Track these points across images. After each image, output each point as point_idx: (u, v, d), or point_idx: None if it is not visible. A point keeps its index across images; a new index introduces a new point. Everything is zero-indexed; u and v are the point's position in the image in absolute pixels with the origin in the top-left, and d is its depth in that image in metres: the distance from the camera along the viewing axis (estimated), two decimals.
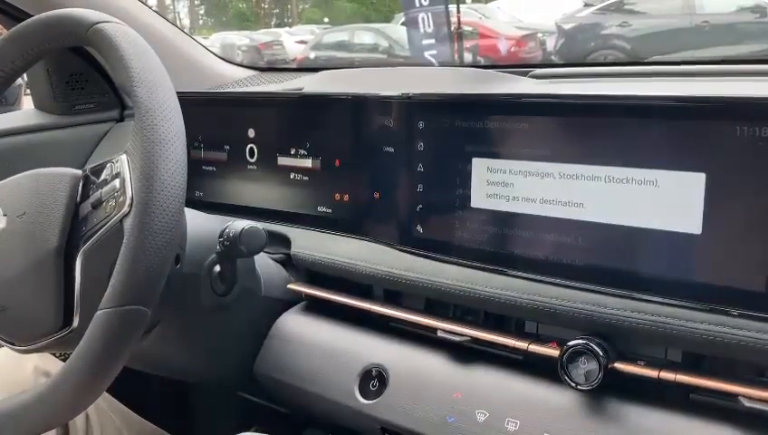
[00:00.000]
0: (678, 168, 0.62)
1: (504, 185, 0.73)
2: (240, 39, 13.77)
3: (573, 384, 0.65)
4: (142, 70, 0.62)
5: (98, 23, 0.66)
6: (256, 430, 0.84)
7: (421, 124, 0.78)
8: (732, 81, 0.80)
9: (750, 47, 6.09)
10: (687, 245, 0.62)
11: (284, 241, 0.92)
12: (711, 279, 0.62)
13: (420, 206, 0.79)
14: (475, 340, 0.74)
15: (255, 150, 0.96)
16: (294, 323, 0.88)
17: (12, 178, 0.73)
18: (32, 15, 0.74)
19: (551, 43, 8.37)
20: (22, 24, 0.73)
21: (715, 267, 0.61)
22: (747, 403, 0.59)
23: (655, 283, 0.64)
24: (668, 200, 0.63)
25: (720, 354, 0.62)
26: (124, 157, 0.64)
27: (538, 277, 0.71)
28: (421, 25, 6.48)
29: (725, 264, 0.61)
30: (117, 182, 0.64)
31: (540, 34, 8.87)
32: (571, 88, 0.84)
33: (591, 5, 7.98)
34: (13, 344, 0.69)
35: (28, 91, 1.35)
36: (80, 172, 0.72)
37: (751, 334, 0.59)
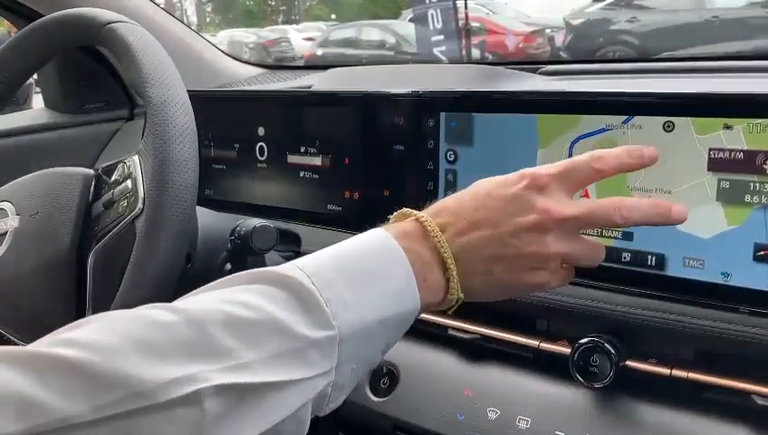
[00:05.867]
0: (688, 169, 0.62)
1: None
2: (247, 36, 13.77)
3: (585, 382, 0.65)
4: (154, 69, 0.63)
5: (110, 22, 0.67)
6: None
7: (431, 122, 0.78)
8: (743, 77, 0.80)
9: (761, 43, 6.04)
10: (696, 243, 0.62)
11: (295, 239, 0.93)
12: (720, 277, 0.61)
13: (431, 204, 0.79)
14: (486, 338, 0.74)
15: (265, 148, 0.97)
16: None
17: (25, 177, 0.73)
18: (43, 15, 0.75)
19: (559, 39, 8.34)
20: (34, 23, 0.73)
21: (723, 264, 0.61)
22: (760, 401, 0.59)
23: (665, 280, 0.64)
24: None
25: (732, 352, 0.62)
26: (136, 157, 0.65)
27: None
28: (430, 22, 6.47)
29: (732, 260, 0.61)
30: (129, 183, 0.65)
31: (548, 30, 8.83)
32: (581, 85, 0.84)
33: (600, 1, 7.94)
34: (25, 342, 0.70)
35: (38, 89, 1.36)
36: (92, 172, 0.72)
37: (763, 332, 0.59)
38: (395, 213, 0.54)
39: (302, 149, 0.92)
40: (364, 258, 0.48)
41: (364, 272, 0.47)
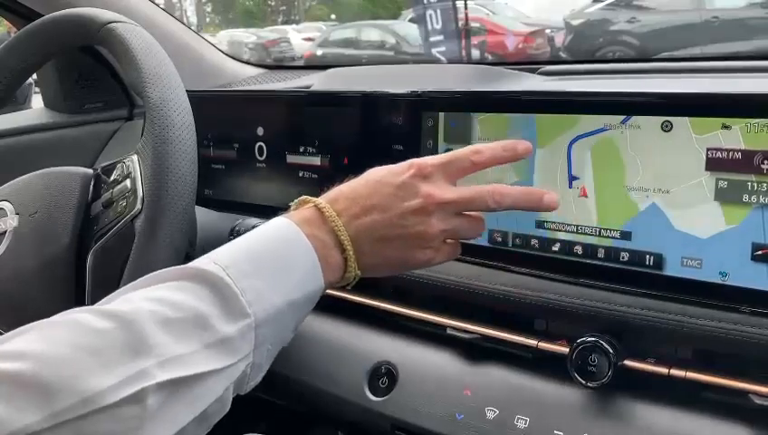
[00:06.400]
0: (686, 168, 0.62)
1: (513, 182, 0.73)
2: (247, 36, 13.78)
3: (583, 382, 0.65)
4: (153, 70, 0.63)
5: (110, 22, 0.67)
6: (265, 428, 0.84)
7: (430, 122, 0.78)
8: (741, 77, 0.80)
9: (761, 43, 6.05)
10: (694, 243, 0.62)
11: None
12: (718, 277, 0.62)
13: None
14: (485, 337, 0.74)
15: (264, 148, 0.97)
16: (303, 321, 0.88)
17: (24, 176, 0.74)
18: (42, 15, 0.75)
19: (559, 40, 8.34)
20: (34, 23, 0.73)
21: (720, 263, 0.61)
22: (758, 401, 0.59)
23: (663, 280, 0.64)
24: (679, 202, 0.63)
25: (730, 351, 0.62)
26: (135, 157, 0.65)
27: (547, 274, 0.71)
28: (429, 22, 6.48)
29: (730, 260, 0.61)
30: (128, 182, 0.65)
31: (548, 31, 8.83)
32: (579, 85, 0.84)
33: (600, 1, 7.94)
34: None
35: (37, 89, 1.36)
36: (91, 171, 0.72)
37: (761, 332, 0.59)
38: (296, 199, 0.58)
39: (302, 149, 0.92)
40: (273, 247, 0.53)
41: (274, 260, 0.52)
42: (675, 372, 0.63)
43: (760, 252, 0.59)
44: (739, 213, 0.60)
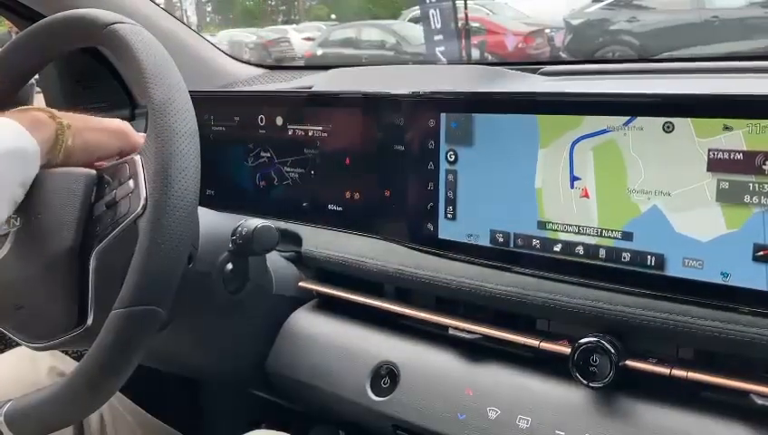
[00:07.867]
0: (688, 170, 0.62)
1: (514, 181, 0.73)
2: (247, 36, 13.78)
3: (585, 382, 0.65)
4: (156, 71, 0.63)
5: (113, 23, 0.67)
6: (267, 427, 0.84)
7: (431, 122, 0.79)
8: (743, 77, 0.80)
9: (761, 43, 6.04)
10: (696, 243, 0.62)
11: (296, 239, 0.93)
12: (720, 277, 0.62)
13: (431, 204, 0.80)
14: (486, 337, 0.75)
15: (266, 149, 0.97)
16: (306, 321, 0.89)
17: None
18: (45, 16, 0.75)
19: (558, 40, 8.34)
20: (36, 24, 0.73)
21: (722, 264, 0.61)
22: (759, 401, 0.59)
23: (665, 280, 0.64)
24: (680, 205, 0.63)
25: (731, 352, 0.62)
26: (138, 157, 0.65)
27: (549, 275, 0.71)
28: (431, 22, 6.48)
29: (731, 260, 0.61)
30: (131, 182, 0.65)
31: (547, 30, 8.83)
32: (580, 85, 0.84)
33: (600, 1, 7.94)
34: (27, 342, 0.70)
35: (39, 90, 1.36)
36: (94, 172, 0.72)
37: (761, 332, 0.59)
38: None
39: (304, 150, 0.92)
40: None
41: None
42: (676, 372, 0.63)
43: (761, 253, 0.60)
44: (740, 214, 0.60)
